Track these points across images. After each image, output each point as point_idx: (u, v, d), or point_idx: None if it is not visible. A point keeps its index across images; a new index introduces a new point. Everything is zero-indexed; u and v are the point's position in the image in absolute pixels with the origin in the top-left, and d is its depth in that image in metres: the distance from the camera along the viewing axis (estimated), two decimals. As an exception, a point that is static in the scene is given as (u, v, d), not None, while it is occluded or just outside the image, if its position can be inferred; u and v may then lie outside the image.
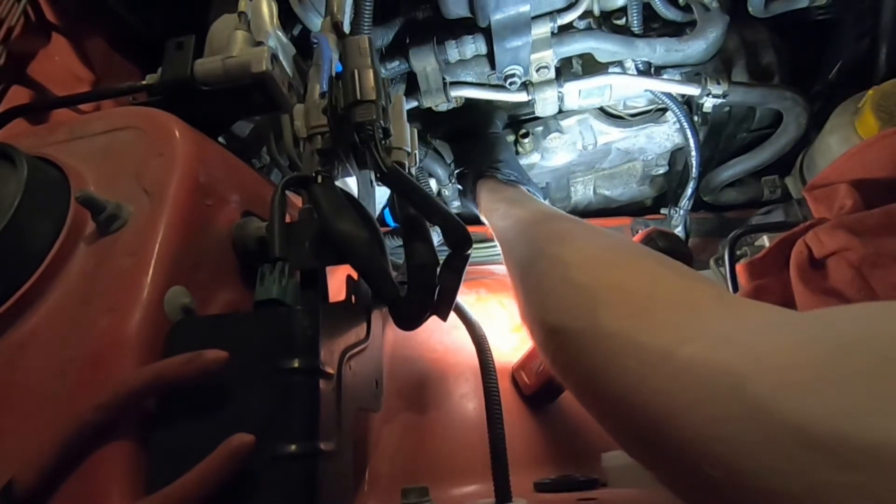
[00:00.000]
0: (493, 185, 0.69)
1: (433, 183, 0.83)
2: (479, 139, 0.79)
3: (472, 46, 0.69)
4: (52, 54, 0.63)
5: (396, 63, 0.71)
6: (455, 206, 0.87)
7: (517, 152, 0.80)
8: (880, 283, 0.49)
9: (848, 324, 0.20)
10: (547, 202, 0.91)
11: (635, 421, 0.25)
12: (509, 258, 0.48)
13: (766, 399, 0.19)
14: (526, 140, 0.79)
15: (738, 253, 0.74)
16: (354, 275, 0.41)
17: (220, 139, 0.53)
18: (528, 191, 0.70)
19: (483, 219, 0.66)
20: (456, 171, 0.79)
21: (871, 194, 0.53)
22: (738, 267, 0.67)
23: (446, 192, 0.83)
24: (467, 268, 0.42)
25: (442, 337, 0.67)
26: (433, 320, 0.41)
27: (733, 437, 0.20)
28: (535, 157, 0.79)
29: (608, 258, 0.35)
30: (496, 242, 0.56)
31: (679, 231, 0.85)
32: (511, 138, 0.80)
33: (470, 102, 0.78)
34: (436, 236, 0.65)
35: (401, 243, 0.45)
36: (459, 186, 0.79)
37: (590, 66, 0.74)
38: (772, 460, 0.18)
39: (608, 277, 0.32)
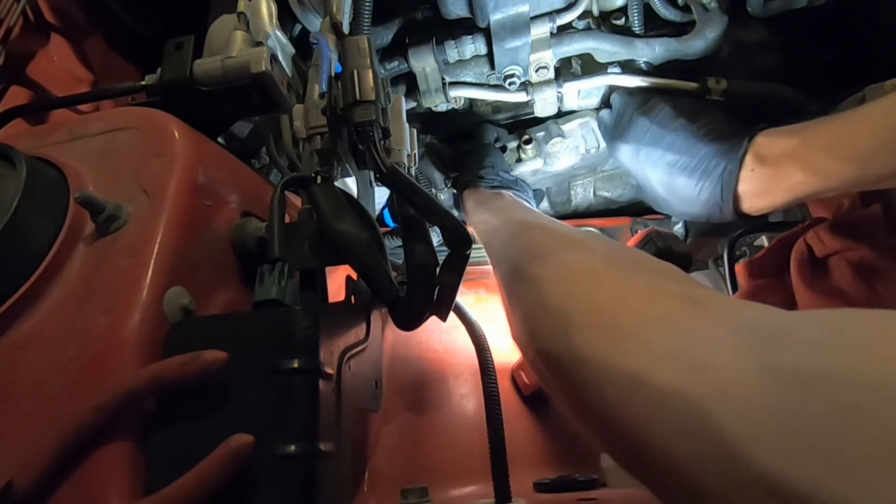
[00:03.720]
0: (478, 197, 0.69)
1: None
2: (465, 149, 0.79)
3: (472, 47, 0.69)
4: (51, 54, 0.63)
5: (395, 63, 0.71)
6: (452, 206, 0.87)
7: (519, 158, 0.80)
8: (883, 283, 0.49)
9: (811, 353, 0.20)
10: (545, 203, 0.91)
11: (620, 444, 0.26)
12: (496, 274, 0.48)
13: (738, 444, 0.19)
14: (529, 146, 0.79)
15: (737, 253, 0.74)
16: (354, 275, 0.41)
17: (220, 139, 0.53)
18: (514, 194, 0.70)
19: (471, 231, 0.67)
20: (452, 176, 0.80)
21: (868, 193, 0.53)
22: (738, 267, 0.67)
23: (442, 197, 0.83)
24: (467, 268, 0.42)
25: (441, 337, 0.67)
26: (433, 320, 0.42)
27: (707, 475, 0.20)
28: (538, 163, 0.79)
29: (577, 272, 0.35)
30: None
31: (678, 231, 0.85)
32: (513, 144, 0.80)
33: (461, 111, 0.79)
34: (435, 236, 0.65)
35: (401, 243, 0.45)
36: (454, 191, 0.79)
37: (589, 67, 0.74)
38: None
39: (577, 294, 0.33)
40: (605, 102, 0.76)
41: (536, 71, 0.71)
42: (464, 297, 0.63)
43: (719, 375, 0.22)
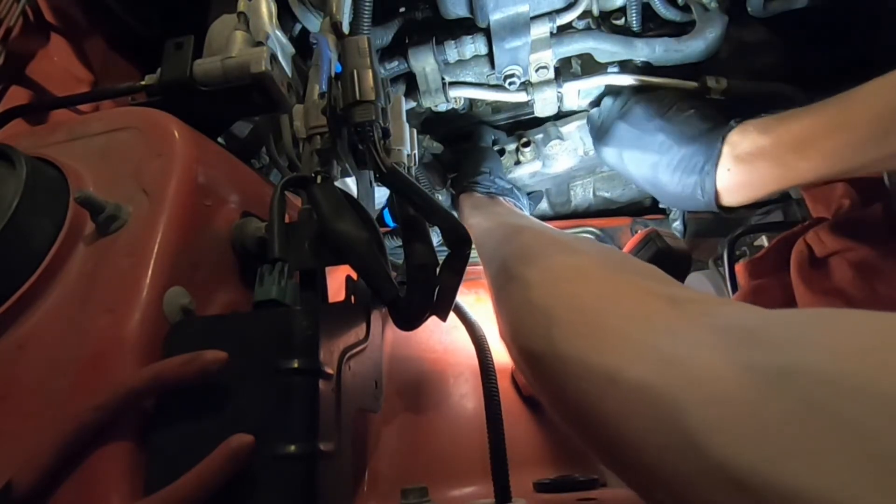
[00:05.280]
0: (474, 201, 0.71)
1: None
2: (464, 149, 0.80)
3: (472, 47, 0.69)
4: (51, 54, 0.63)
5: (395, 63, 0.71)
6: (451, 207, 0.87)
7: (518, 161, 0.80)
8: (883, 283, 0.49)
9: (781, 351, 0.21)
10: (545, 204, 0.91)
11: (598, 441, 0.26)
12: (486, 274, 0.49)
13: (700, 433, 0.20)
14: (527, 149, 0.79)
15: (737, 253, 0.74)
16: (354, 275, 0.41)
17: (220, 139, 0.53)
18: (507, 200, 0.72)
19: None
20: (450, 177, 0.80)
21: (868, 193, 0.53)
22: (738, 267, 0.67)
23: (440, 198, 0.83)
24: (467, 268, 0.42)
25: (441, 337, 0.67)
26: (433, 320, 0.42)
27: (674, 467, 0.21)
28: (536, 165, 0.79)
29: (564, 273, 0.36)
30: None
31: (678, 231, 0.85)
32: (512, 147, 0.80)
33: (461, 112, 0.78)
34: (435, 236, 0.65)
35: (401, 243, 0.45)
36: (453, 191, 0.80)
37: (589, 66, 0.74)
38: (704, 494, 0.19)
39: (562, 294, 0.33)
40: (599, 102, 0.76)
41: (536, 71, 0.71)
42: (464, 297, 0.63)
43: (692, 370, 0.22)
